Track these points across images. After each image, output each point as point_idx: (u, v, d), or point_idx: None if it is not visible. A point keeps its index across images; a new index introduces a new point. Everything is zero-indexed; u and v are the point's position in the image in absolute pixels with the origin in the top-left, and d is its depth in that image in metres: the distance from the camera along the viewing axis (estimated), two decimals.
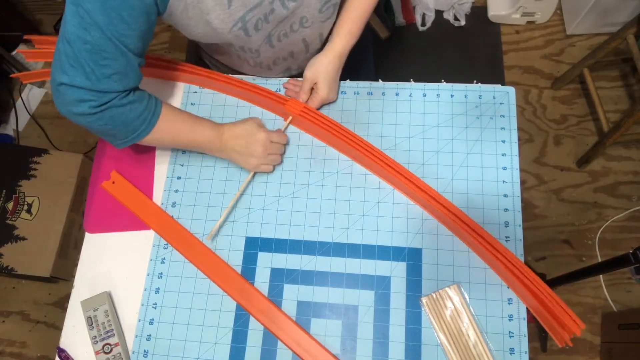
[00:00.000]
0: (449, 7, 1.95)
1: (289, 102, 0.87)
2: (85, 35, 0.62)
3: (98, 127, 0.71)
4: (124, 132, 0.73)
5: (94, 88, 0.66)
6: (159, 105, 0.76)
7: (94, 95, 0.67)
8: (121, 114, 0.71)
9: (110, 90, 0.68)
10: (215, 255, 0.82)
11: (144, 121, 0.74)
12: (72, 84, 0.65)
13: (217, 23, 0.72)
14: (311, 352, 0.74)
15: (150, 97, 0.75)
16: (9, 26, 1.85)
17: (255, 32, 0.77)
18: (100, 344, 0.78)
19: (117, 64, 0.66)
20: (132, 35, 0.65)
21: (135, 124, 0.73)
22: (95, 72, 0.65)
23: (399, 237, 0.81)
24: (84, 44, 0.63)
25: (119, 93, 0.69)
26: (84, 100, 0.67)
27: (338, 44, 0.84)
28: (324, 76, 0.85)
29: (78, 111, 0.68)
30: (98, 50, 0.64)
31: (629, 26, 1.51)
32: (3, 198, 1.60)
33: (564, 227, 1.66)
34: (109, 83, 0.67)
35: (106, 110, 0.69)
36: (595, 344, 1.50)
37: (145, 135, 0.75)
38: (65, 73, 0.65)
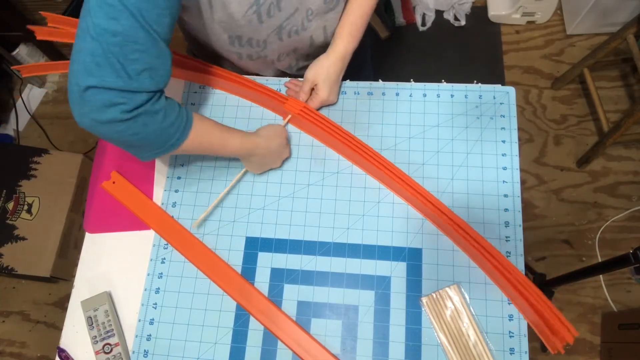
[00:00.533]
0: (449, 7, 1.95)
1: (289, 101, 0.87)
2: (114, 26, 0.56)
3: (127, 136, 0.63)
4: (155, 141, 0.66)
5: (126, 87, 0.59)
6: (190, 113, 0.70)
7: (125, 97, 0.59)
8: (154, 121, 0.63)
9: (142, 90, 0.61)
10: (215, 255, 0.82)
11: (177, 129, 0.67)
12: (101, 85, 0.57)
13: (234, 5, 0.72)
14: (311, 352, 0.74)
15: (179, 105, 0.69)
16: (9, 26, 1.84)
17: (268, 18, 0.77)
18: (100, 344, 0.78)
19: (148, 57, 0.60)
20: (164, 22, 0.60)
21: (169, 133, 0.66)
22: (126, 68, 0.58)
23: (399, 237, 0.81)
24: (113, 37, 0.56)
25: (150, 94, 0.62)
26: (114, 104, 0.59)
27: (340, 46, 0.85)
28: (325, 78, 0.85)
29: (106, 118, 0.59)
30: (129, 41, 0.57)
31: (629, 26, 1.51)
32: (3, 198, 1.60)
33: (564, 227, 1.66)
34: (141, 80, 0.60)
35: (138, 116, 0.61)
36: (595, 344, 1.50)
37: (178, 145, 0.68)
38: (91, 74, 0.57)
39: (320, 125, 0.84)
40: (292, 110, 0.86)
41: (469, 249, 0.76)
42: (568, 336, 0.66)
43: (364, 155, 0.81)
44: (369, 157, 0.81)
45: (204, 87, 0.95)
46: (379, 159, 0.81)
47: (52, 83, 2.09)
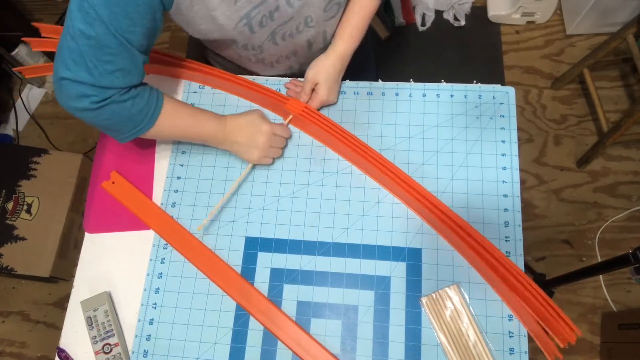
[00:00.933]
0: (449, 7, 1.95)
1: (290, 102, 0.87)
2: (89, 31, 0.62)
3: (99, 122, 0.71)
4: (126, 127, 0.73)
5: (96, 84, 0.66)
6: (161, 99, 0.76)
7: (95, 90, 0.67)
8: (122, 109, 0.70)
9: (112, 87, 0.68)
10: (215, 255, 0.82)
11: (145, 115, 0.73)
12: (74, 79, 0.65)
13: (222, 19, 0.72)
14: (311, 352, 0.74)
15: (152, 90, 0.75)
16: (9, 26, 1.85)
17: (260, 28, 0.77)
18: (100, 344, 0.78)
19: (120, 60, 0.66)
20: (137, 32, 0.65)
21: (137, 119, 0.73)
22: (98, 68, 0.65)
23: (398, 237, 0.81)
24: (88, 39, 0.63)
25: (120, 89, 0.69)
26: (85, 96, 0.67)
27: (340, 47, 0.85)
28: (325, 78, 0.85)
29: (79, 106, 0.68)
30: (101, 45, 0.63)
31: (629, 26, 1.51)
32: (3, 198, 1.60)
33: (564, 227, 1.66)
34: (111, 79, 0.67)
35: (107, 105, 0.68)
36: (595, 344, 1.50)
37: (148, 129, 0.75)
38: (67, 68, 0.65)
39: (322, 125, 0.84)
40: (294, 110, 0.86)
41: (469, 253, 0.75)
42: (571, 335, 0.66)
43: (366, 157, 0.81)
44: (371, 159, 0.81)
45: (203, 87, 0.95)
46: (382, 161, 0.81)
47: (51, 83, 2.08)
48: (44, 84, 2.08)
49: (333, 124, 0.84)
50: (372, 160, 0.81)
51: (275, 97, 0.88)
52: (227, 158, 0.89)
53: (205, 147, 0.90)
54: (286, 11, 0.75)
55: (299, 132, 0.90)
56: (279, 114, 0.91)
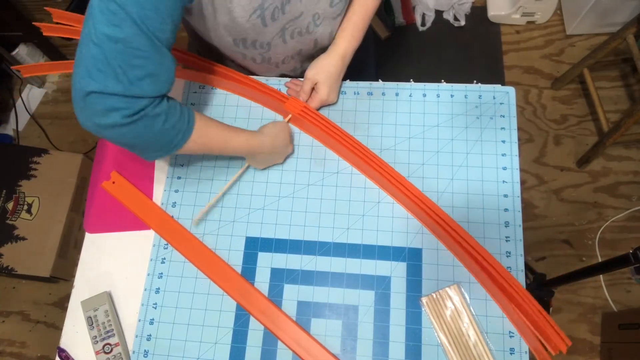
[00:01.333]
0: (449, 7, 1.95)
1: (289, 101, 0.87)
2: (117, 33, 0.56)
3: (129, 139, 0.64)
4: (158, 143, 0.67)
5: (127, 93, 0.59)
6: (192, 114, 0.70)
7: (126, 102, 0.60)
8: (156, 125, 0.64)
9: (143, 95, 0.61)
10: (216, 255, 0.82)
11: (179, 132, 0.67)
12: (102, 90, 0.58)
13: (238, 11, 0.72)
14: (311, 352, 0.74)
15: (182, 106, 0.69)
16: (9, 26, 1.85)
17: (272, 22, 0.77)
18: (100, 344, 0.78)
19: (150, 63, 0.60)
20: (167, 30, 0.60)
21: (171, 135, 0.67)
22: (127, 74, 0.58)
23: (399, 237, 0.81)
24: (116, 44, 0.57)
25: (152, 99, 0.62)
26: (115, 109, 0.59)
27: (341, 46, 0.85)
28: (326, 77, 0.85)
29: (108, 122, 0.60)
30: (131, 48, 0.58)
31: (629, 26, 1.51)
32: (3, 198, 1.60)
33: (564, 227, 1.66)
34: (142, 86, 0.60)
35: (139, 120, 0.61)
36: (595, 344, 1.50)
37: (180, 147, 0.69)
38: (93, 79, 0.58)
39: (320, 126, 0.84)
40: (293, 110, 0.86)
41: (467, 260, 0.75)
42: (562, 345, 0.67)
43: (364, 158, 0.81)
44: (369, 159, 0.81)
45: (204, 87, 0.95)
46: (378, 162, 0.81)
47: (51, 83, 2.09)
48: (44, 84, 2.08)
49: (331, 124, 0.84)
50: (370, 161, 0.81)
51: (275, 95, 0.88)
52: (227, 158, 0.89)
53: None
54: (296, 4, 0.75)
55: (299, 132, 0.90)
56: (278, 112, 0.91)
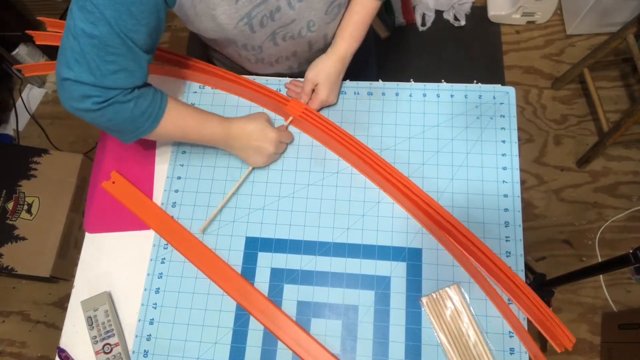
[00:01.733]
0: (449, 7, 1.95)
1: (290, 103, 0.86)
2: (92, 30, 0.61)
3: (102, 123, 0.70)
4: (128, 128, 0.72)
5: (99, 84, 0.65)
6: (165, 100, 0.75)
7: (98, 91, 0.66)
8: (125, 110, 0.69)
9: (115, 87, 0.67)
10: (216, 255, 0.82)
11: (148, 117, 0.72)
12: (76, 79, 0.64)
13: (223, 18, 0.72)
14: (311, 352, 0.74)
15: (155, 92, 0.74)
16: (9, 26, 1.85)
17: (261, 28, 0.77)
18: (100, 344, 0.78)
19: (123, 60, 0.65)
20: (141, 32, 0.64)
21: (140, 120, 0.72)
22: (101, 68, 0.64)
23: (399, 237, 0.81)
24: (91, 39, 0.62)
25: (123, 90, 0.68)
26: (88, 96, 0.66)
27: (341, 47, 0.85)
28: (326, 78, 0.85)
29: (82, 107, 0.67)
30: (105, 45, 0.62)
31: (629, 26, 1.51)
32: (3, 198, 1.60)
33: (564, 227, 1.66)
34: (114, 79, 0.66)
35: (109, 106, 0.67)
36: (595, 344, 1.50)
37: (150, 131, 0.74)
38: (70, 68, 0.64)
39: (322, 127, 0.84)
40: (294, 112, 0.86)
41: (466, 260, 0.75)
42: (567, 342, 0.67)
43: (367, 161, 0.81)
44: (371, 162, 0.81)
45: (204, 87, 0.95)
46: (382, 164, 0.81)
47: (52, 83, 2.09)
48: (44, 84, 2.08)
49: (333, 125, 0.84)
50: (373, 164, 0.81)
51: (276, 98, 0.88)
52: (227, 158, 0.89)
53: (206, 147, 0.90)
54: (287, 13, 0.75)
55: (299, 132, 0.90)
56: (279, 114, 0.91)
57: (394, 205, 0.83)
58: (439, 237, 0.80)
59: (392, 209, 0.83)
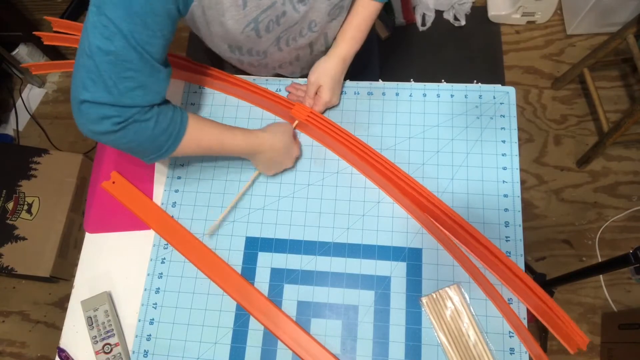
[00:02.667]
0: (449, 7, 1.95)
1: (295, 107, 0.86)
2: (108, 46, 0.59)
3: (124, 144, 0.67)
4: (150, 148, 0.69)
5: (117, 103, 0.62)
6: (185, 117, 0.72)
7: (116, 110, 0.63)
8: (145, 129, 0.66)
9: (133, 105, 0.64)
10: (215, 255, 0.82)
11: (169, 136, 0.69)
12: (94, 100, 0.61)
13: (231, 24, 0.72)
14: (311, 352, 0.74)
15: (175, 109, 0.71)
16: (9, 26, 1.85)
17: (266, 33, 0.76)
18: (100, 344, 0.78)
19: (141, 76, 0.63)
20: (157, 44, 0.62)
21: (162, 139, 0.69)
22: (118, 86, 0.61)
23: (399, 237, 0.81)
24: (107, 55, 0.60)
25: (142, 108, 0.65)
26: (106, 117, 0.63)
27: (342, 49, 0.84)
28: (328, 80, 0.85)
29: (101, 130, 0.64)
30: (122, 61, 0.60)
31: (629, 26, 1.51)
32: (3, 198, 1.60)
33: (564, 227, 1.66)
34: (132, 97, 0.63)
35: (129, 125, 0.64)
36: (595, 344, 1.50)
37: (173, 150, 0.71)
38: (86, 89, 0.61)
39: (327, 130, 0.83)
40: (299, 116, 0.85)
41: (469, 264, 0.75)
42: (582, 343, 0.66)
43: (372, 163, 0.80)
44: (380, 166, 0.80)
45: (204, 87, 0.95)
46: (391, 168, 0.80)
47: (52, 83, 2.09)
48: (44, 84, 2.08)
49: (338, 128, 0.84)
50: (381, 168, 0.80)
51: (281, 102, 0.87)
52: (227, 158, 0.89)
53: None
54: (292, 16, 0.75)
55: (299, 133, 0.90)
56: (284, 118, 0.91)
57: (394, 205, 0.83)
58: (439, 237, 0.80)
59: (392, 209, 0.83)
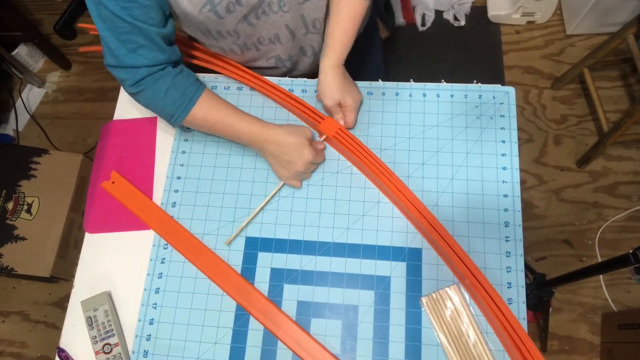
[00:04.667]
0: (449, 7, 1.95)
1: (325, 121, 0.85)
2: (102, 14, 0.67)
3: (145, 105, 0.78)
4: (163, 114, 0.79)
5: (122, 65, 0.71)
6: (199, 92, 0.79)
7: (126, 73, 0.72)
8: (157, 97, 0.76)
9: (138, 65, 0.71)
10: (215, 256, 0.82)
11: (178, 108, 0.78)
12: (108, 64, 0.72)
13: (186, 5, 0.73)
14: (311, 352, 0.74)
15: (194, 79, 0.80)
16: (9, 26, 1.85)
17: (228, 14, 0.76)
18: (100, 344, 0.78)
19: (135, 37, 0.69)
20: (136, 7, 0.67)
21: (170, 110, 0.77)
22: (120, 49, 0.70)
23: (399, 237, 0.81)
24: (104, 23, 0.68)
25: (150, 68, 0.73)
26: (123, 80, 0.73)
27: (332, 58, 0.82)
28: (339, 91, 0.83)
29: (128, 91, 0.75)
30: (115, 27, 0.68)
31: (629, 26, 1.51)
32: (3, 198, 1.60)
33: (564, 227, 1.66)
34: (135, 57, 0.71)
35: (144, 89, 0.74)
36: (595, 344, 1.50)
37: (181, 120, 0.80)
38: (104, 56, 0.72)
39: (353, 150, 0.82)
40: (328, 132, 0.84)
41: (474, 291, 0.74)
42: None
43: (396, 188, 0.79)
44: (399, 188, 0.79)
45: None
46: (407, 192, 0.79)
47: (51, 83, 2.09)
48: (43, 84, 2.08)
49: (363, 147, 0.82)
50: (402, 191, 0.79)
51: (310, 113, 0.86)
52: (227, 158, 0.89)
53: (205, 147, 0.90)
54: None
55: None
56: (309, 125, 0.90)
57: (394, 205, 0.83)
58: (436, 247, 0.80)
59: (392, 209, 0.83)
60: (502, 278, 0.77)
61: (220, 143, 0.90)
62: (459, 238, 0.79)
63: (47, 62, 2.11)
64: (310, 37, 0.88)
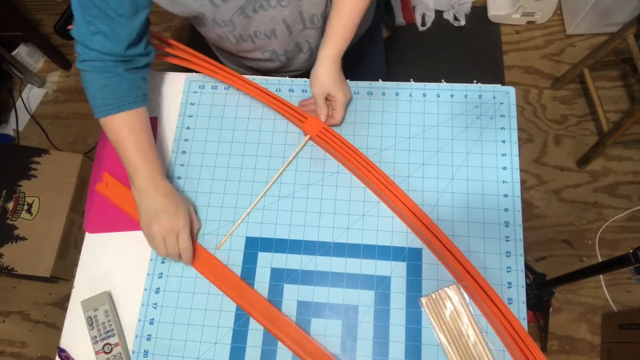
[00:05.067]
0: (449, 7, 1.95)
1: (309, 121, 0.84)
2: None
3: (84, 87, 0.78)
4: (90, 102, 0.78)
5: (80, 41, 0.73)
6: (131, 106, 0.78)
7: (81, 49, 0.74)
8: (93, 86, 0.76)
9: (92, 48, 0.73)
10: (214, 257, 0.82)
11: (103, 105, 0.77)
12: (72, 34, 0.74)
13: None
14: (311, 352, 0.74)
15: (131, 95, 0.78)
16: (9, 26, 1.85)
17: (223, 3, 0.76)
18: (100, 344, 0.78)
19: (99, 22, 0.71)
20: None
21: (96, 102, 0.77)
22: (84, 27, 0.72)
23: (399, 237, 0.81)
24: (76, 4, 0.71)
25: (102, 54, 0.74)
26: (77, 53, 0.75)
27: (332, 50, 0.82)
28: (332, 83, 0.83)
29: (76, 66, 0.76)
30: (85, 6, 0.70)
31: (629, 26, 1.51)
32: (3, 198, 1.60)
33: (564, 227, 1.66)
34: (91, 40, 0.73)
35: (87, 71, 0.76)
36: (595, 344, 1.50)
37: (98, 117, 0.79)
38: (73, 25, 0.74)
39: (339, 149, 0.82)
40: (311, 131, 0.84)
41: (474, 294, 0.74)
42: None
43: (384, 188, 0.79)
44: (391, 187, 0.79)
45: (203, 87, 0.95)
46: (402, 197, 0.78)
47: (51, 83, 2.09)
48: (44, 84, 2.08)
49: (349, 146, 0.82)
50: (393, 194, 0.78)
51: (294, 114, 0.86)
52: (227, 158, 0.89)
53: (206, 147, 0.90)
54: None
55: (299, 132, 0.90)
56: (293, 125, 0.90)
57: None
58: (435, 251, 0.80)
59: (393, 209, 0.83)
60: (503, 278, 0.77)
61: (221, 143, 0.90)
62: (459, 238, 0.79)
63: (47, 62, 2.11)
64: (308, 33, 0.88)
